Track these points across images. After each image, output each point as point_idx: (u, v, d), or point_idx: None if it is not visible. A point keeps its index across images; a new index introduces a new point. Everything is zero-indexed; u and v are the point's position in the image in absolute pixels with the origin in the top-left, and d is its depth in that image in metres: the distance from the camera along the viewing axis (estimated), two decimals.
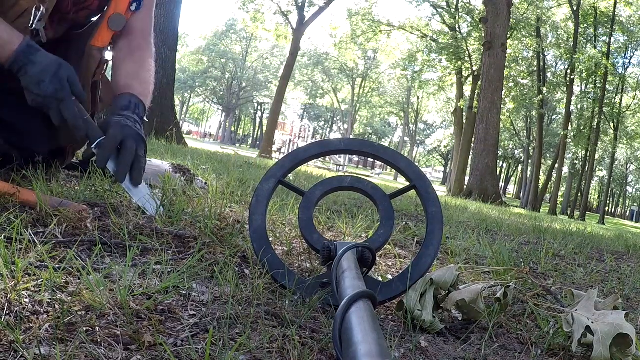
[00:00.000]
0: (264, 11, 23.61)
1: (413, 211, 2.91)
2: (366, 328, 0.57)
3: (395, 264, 1.41)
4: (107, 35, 1.61)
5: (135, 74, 1.63)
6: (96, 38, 1.60)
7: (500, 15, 14.55)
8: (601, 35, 25.08)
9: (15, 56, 1.31)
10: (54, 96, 1.31)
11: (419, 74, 30.03)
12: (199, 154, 4.71)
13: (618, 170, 44.60)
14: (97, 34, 1.59)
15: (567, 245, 2.50)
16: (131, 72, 1.63)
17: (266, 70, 51.98)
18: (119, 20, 1.59)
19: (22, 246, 0.90)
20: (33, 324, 0.66)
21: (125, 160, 1.32)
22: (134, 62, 1.65)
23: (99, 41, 1.61)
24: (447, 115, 39.63)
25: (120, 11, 1.59)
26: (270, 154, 18.97)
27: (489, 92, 14.17)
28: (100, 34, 1.60)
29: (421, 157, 59.95)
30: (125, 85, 1.57)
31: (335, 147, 1.26)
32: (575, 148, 27.37)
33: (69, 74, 1.34)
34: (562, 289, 1.35)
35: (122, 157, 1.32)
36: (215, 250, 1.11)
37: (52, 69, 1.32)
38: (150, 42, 1.75)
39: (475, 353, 0.86)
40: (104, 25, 1.58)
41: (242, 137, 62.38)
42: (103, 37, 1.61)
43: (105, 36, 1.61)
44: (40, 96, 1.31)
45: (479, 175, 13.70)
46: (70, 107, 1.33)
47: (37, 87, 1.31)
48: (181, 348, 0.68)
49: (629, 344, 0.84)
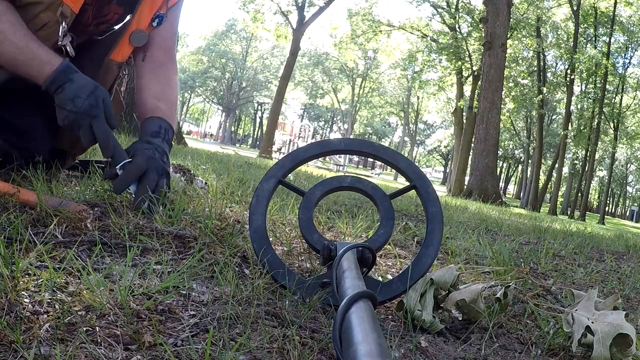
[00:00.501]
0: (264, 11, 23.60)
1: (413, 211, 2.91)
2: (366, 328, 0.57)
3: (395, 264, 1.41)
4: (127, 50, 1.61)
5: (161, 94, 1.62)
6: (116, 52, 1.59)
7: (500, 15, 14.55)
8: (601, 35, 25.08)
9: (55, 76, 1.32)
10: (88, 112, 1.32)
11: (419, 74, 30.01)
12: (199, 154, 4.71)
13: (618, 170, 44.60)
14: (118, 49, 1.58)
15: (567, 245, 2.50)
16: (158, 93, 1.61)
17: (266, 70, 51.99)
18: (141, 36, 1.59)
19: (22, 246, 0.90)
20: (33, 324, 0.66)
21: (144, 189, 1.32)
22: (159, 82, 1.64)
23: (119, 56, 1.60)
24: (447, 115, 39.63)
25: (142, 27, 1.59)
26: (270, 154, 18.97)
27: (489, 92, 14.16)
28: (121, 49, 1.59)
29: (421, 157, 59.95)
30: (153, 107, 1.57)
31: (335, 147, 1.26)
32: (575, 148, 27.36)
33: (104, 95, 1.36)
34: (562, 289, 1.35)
35: (141, 186, 1.33)
36: (215, 250, 1.11)
37: (89, 87, 1.34)
38: (173, 57, 1.72)
39: (475, 353, 0.86)
40: (125, 40, 1.57)
41: (242, 137, 62.39)
42: (123, 52, 1.60)
43: (126, 51, 1.61)
44: (73, 112, 1.31)
45: (479, 175, 13.70)
46: (102, 125, 1.34)
47: (71, 103, 1.31)
48: (181, 348, 0.68)
49: (629, 344, 0.84)
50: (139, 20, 1.57)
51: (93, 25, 1.59)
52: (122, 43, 1.58)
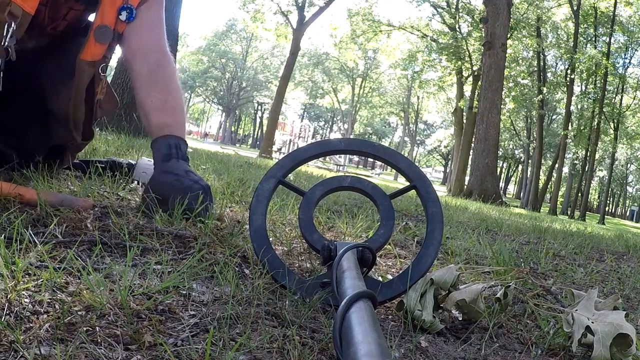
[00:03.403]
0: (264, 11, 23.60)
1: (413, 211, 2.91)
2: (366, 328, 0.57)
3: (395, 264, 1.41)
4: (97, 49, 1.50)
5: (163, 104, 1.53)
6: (85, 52, 1.48)
7: (500, 15, 14.54)
8: (601, 35, 25.07)
9: None
10: None
11: (419, 74, 30.05)
12: (199, 153, 4.71)
13: (618, 170, 44.58)
14: (86, 48, 1.48)
15: (567, 245, 2.50)
16: (159, 104, 1.52)
17: (266, 70, 51.98)
18: (105, 31, 1.48)
19: (22, 246, 0.90)
20: (33, 324, 0.66)
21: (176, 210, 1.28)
22: (158, 90, 1.54)
23: (89, 55, 1.49)
24: (447, 115, 39.65)
25: (106, 22, 1.48)
26: (270, 154, 18.97)
27: (489, 92, 14.16)
28: (89, 48, 1.48)
29: (421, 157, 59.93)
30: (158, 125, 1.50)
31: (335, 147, 1.26)
32: (575, 148, 27.36)
33: None
34: (562, 289, 1.35)
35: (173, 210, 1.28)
36: (215, 250, 1.11)
37: None
38: (167, 53, 1.60)
39: (475, 353, 0.86)
40: (91, 38, 1.47)
41: (242, 137, 62.39)
42: (92, 51, 1.49)
43: (95, 50, 1.49)
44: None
45: (479, 175, 13.69)
46: None
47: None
48: (181, 348, 0.68)
49: (629, 344, 0.84)
50: (103, 15, 1.48)
51: (50, 26, 1.52)
52: (89, 41, 1.48)
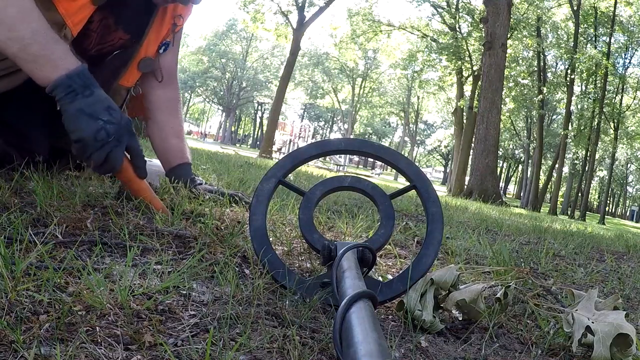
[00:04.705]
0: (264, 11, 23.55)
1: (413, 211, 2.91)
2: (366, 328, 0.57)
3: (395, 264, 1.41)
4: (135, 76, 1.67)
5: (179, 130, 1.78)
6: (125, 78, 1.63)
7: (501, 15, 14.53)
8: (601, 35, 25.06)
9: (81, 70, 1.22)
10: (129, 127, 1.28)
11: (419, 74, 30.04)
12: (199, 154, 4.71)
13: (618, 170, 44.61)
14: (127, 75, 1.63)
15: (568, 245, 2.50)
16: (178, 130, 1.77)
17: (266, 70, 51.97)
18: (149, 64, 1.65)
19: (22, 246, 0.90)
20: (33, 324, 0.66)
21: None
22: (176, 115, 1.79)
23: (128, 81, 1.65)
24: (447, 115, 39.64)
25: (150, 54, 1.64)
26: (270, 154, 18.97)
27: (489, 92, 14.15)
28: (130, 75, 1.64)
29: (421, 157, 59.94)
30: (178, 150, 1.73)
31: (335, 147, 1.26)
32: (575, 148, 27.36)
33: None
34: (562, 289, 1.35)
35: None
36: (215, 250, 1.11)
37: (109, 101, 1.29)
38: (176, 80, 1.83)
39: (475, 353, 0.86)
40: (133, 67, 1.62)
41: (242, 137, 62.38)
42: (131, 78, 1.66)
43: (134, 77, 1.67)
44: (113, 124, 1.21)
45: (479, 175, 13.69)
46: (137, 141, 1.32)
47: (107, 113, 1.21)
48: (181, 348, 0.68)
49: (629, 344, 0.84)
50: (147, 47, 1.62)
51: (94, 50, 1.59)
52: (131, 69, 1.63)
